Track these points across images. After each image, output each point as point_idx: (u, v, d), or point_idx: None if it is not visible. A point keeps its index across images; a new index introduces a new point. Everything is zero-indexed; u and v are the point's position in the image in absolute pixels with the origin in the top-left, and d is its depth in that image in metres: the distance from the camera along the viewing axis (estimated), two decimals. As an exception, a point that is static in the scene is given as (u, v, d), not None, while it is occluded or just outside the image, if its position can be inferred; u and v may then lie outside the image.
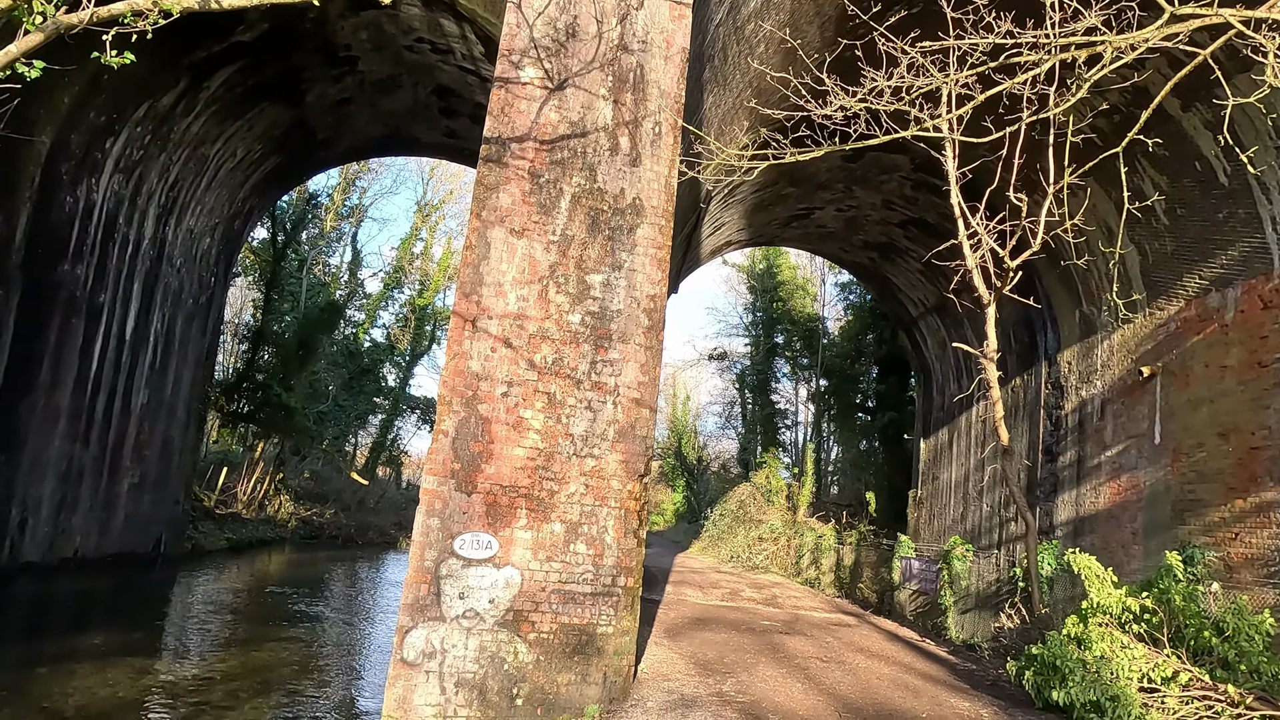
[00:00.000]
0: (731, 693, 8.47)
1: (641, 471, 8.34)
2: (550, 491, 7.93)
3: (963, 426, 23.17)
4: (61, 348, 16.83)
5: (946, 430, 24.33)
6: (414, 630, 7.34)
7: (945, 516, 23.60)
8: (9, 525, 15.87)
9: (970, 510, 21.90)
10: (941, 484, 24.23)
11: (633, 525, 8.24)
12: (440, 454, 7.64)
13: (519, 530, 7.78)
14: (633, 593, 8.17)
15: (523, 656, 7.63)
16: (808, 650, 11.76)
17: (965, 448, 22.89)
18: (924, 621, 16.71)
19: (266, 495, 28.21)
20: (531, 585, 7.74)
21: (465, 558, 7.56)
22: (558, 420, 8.06)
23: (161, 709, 8.80)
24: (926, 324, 25.41)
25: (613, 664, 7.95)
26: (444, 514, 7.57)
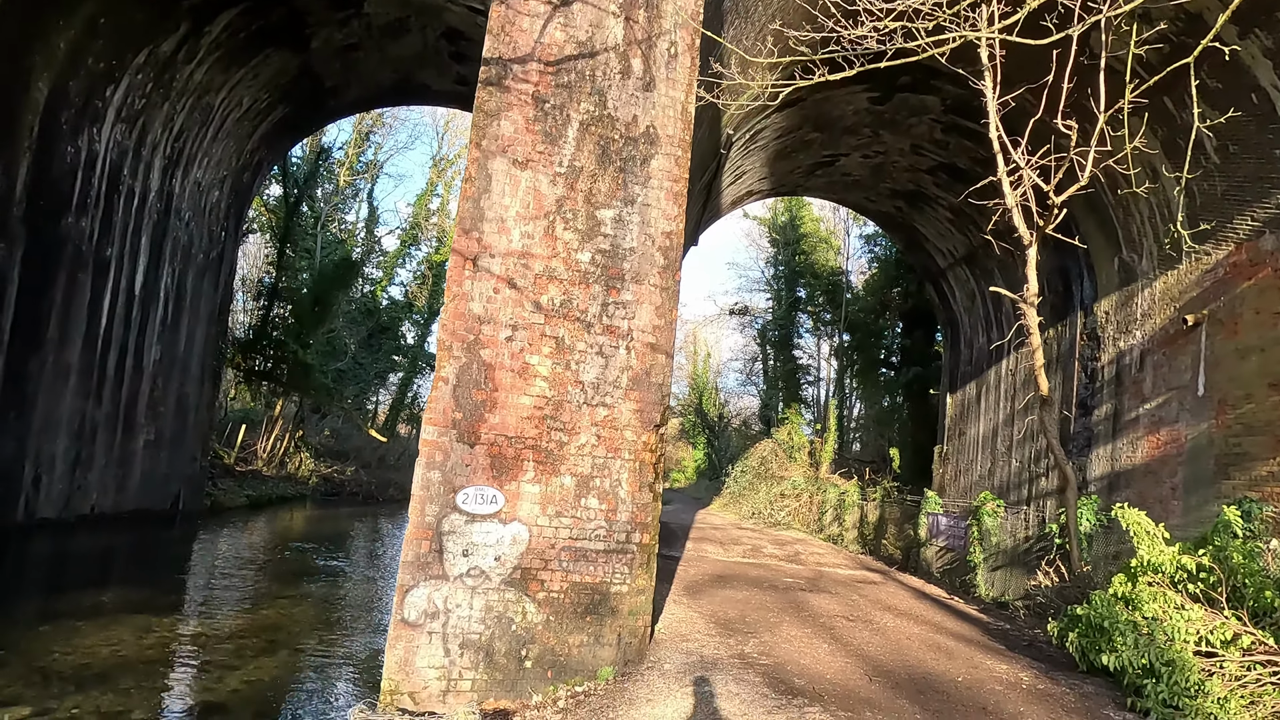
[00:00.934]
0: (754, 654, 7.96)
1: (657, 421, 7.75)
2: (559, 443, 7.37)
3: (991, 380, 22.44)
4: (69, 303, 16.46)
5: (974, 385, 23.61)
6: (415, 589, 6.86)
7: (972, 472, 22.98)
8: (23, 482, 15.68)
9: (998, 466, 21.26)
10: (968, 439, 23.59)
11: (648, 478, 7.68)
12: (440, 403, 7.09)
13: (526, 484, 7.24)
14: (648, 550, 7.64)
15: (531, 617, 7.15)
16: (833, 608, 11.25)
17: (994, 402, 22.20)
18: (952, 579, 16.17)
19: (287, 453, 28.08)
20: (540, 542, 7.22)
21: (469, 513, 7.04)
22: (567, 366, 7.46)
23: (162, 668, 8.46)
24: (955, 275, 24.52)
25: (627, 624, 7.46)
26: (445, 467, 7.04)
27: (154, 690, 7.75)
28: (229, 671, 8.63)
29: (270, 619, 10.97)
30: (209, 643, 9.50)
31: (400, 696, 6.73)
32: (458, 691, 6.88)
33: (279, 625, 10.73)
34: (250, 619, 10.89)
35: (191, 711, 7.34)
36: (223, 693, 7.90)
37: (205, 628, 10.18)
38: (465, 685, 6.92)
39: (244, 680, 8.37)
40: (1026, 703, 6.88)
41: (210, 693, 7.84)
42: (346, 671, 9.07)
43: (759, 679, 7.02)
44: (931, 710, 6.44)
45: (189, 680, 8.12)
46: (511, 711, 6.90)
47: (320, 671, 8.94)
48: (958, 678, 7.59)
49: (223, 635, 9.94)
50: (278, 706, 7.72)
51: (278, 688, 8.23)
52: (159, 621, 10.15)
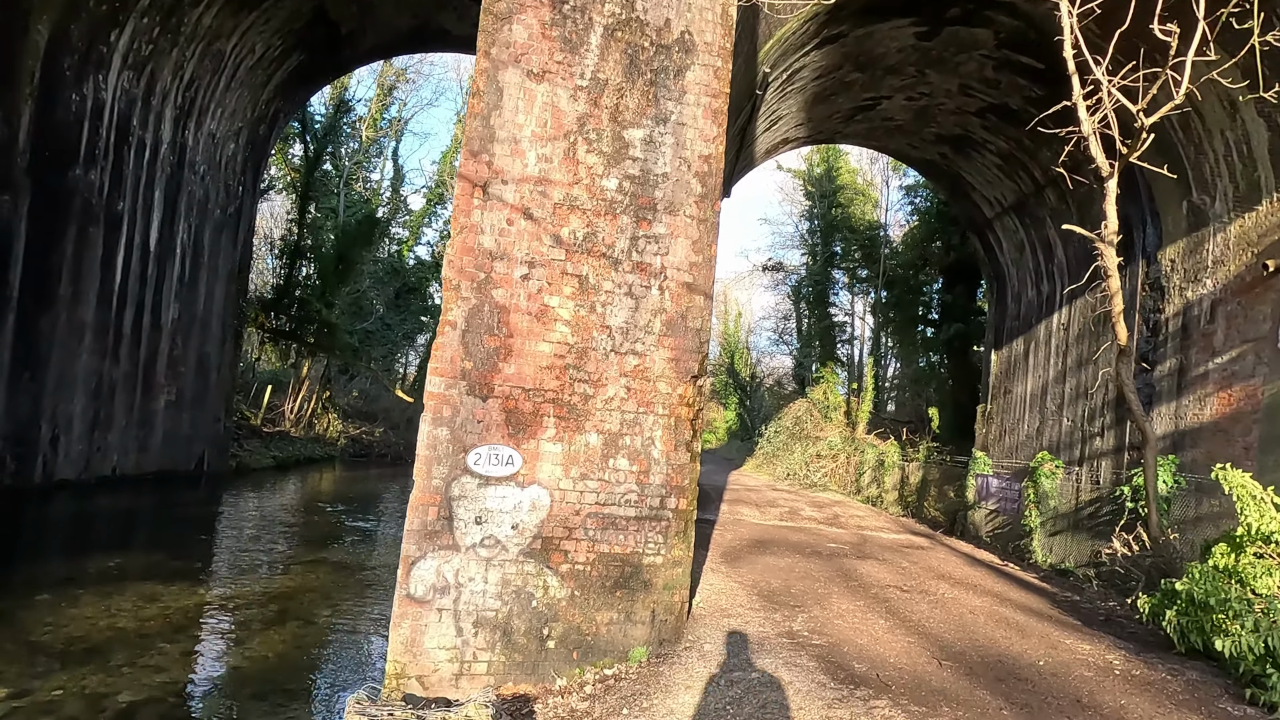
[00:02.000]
0: (804, 632, 7.05)
1: (694, 372, 6.78)
2: (584, 396, 6.43)
3: (1041, 336, 21.17)
4: (80, 259, 15.80)
5: (1021, 340, 22.35)
6: (422, 561, 6.02)
7: (1018, 432, 21.82)
8: (40, 443, 15.19)
9: (1047, 425, 20.08)
10: (1014, 398, 22.41)
11: (684, 436, 6.73)
12: (448, 350, 6.17)
13: (546, 442, 6.33)
14: (685, 516, 6.72)
15: (554, 592, 6.28)
16: (883, 577, 10.31)
17: (1043, 359, 20.94)
18: (1004, 544, 15.13)
19: (315, 414, 27.60)
20: (563, 508, 6.33)
21: (481, 475, 6.16)
22: (591, 309, 6.49)
23: (161, 642, 7.77)
24: (1002, 225, 23.09)
25: (662, 600, 6.58)
26: (454, 423, 6.14)
27: (147, 668, 7.06)
28: (233, 646, 7.94)
29: (286, 586, 10.30)
30: (217, 613, 8.83)
31: (406, 681, 5.93)
32: (472, 675, 6.07)
33: (294, 593, 10.05)
34: (265, 585, 10.23)
35: (183, 694, 6.63)
36: (222, 671, 7.20)
37: (215, 596, 9.52)
38: (480, 668, 6.10)
39: (248, 656, 7.68)
40: (1126, 693, 5.89)
41: (209, 671, 7.14)
42: (362, 647, 8.34)
43: (813, 663, 6.11)
44: (1018, 704, 5.49)
45: (187, 656, 7.43)
46: (533, 697, 6.08)
47: (333, 647, 8.22)
48: (1038, 661, 6.62)
49: (233, 604, 9.28)
50: (280, 688, 7.00)
51: (283, 666, 7.51)
52: (165, 589, 9.50)
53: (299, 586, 10.33)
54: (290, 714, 6.32)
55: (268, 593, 9.87)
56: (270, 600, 9.54)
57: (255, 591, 9.86)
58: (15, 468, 14.65)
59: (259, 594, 9.77)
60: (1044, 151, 18.97)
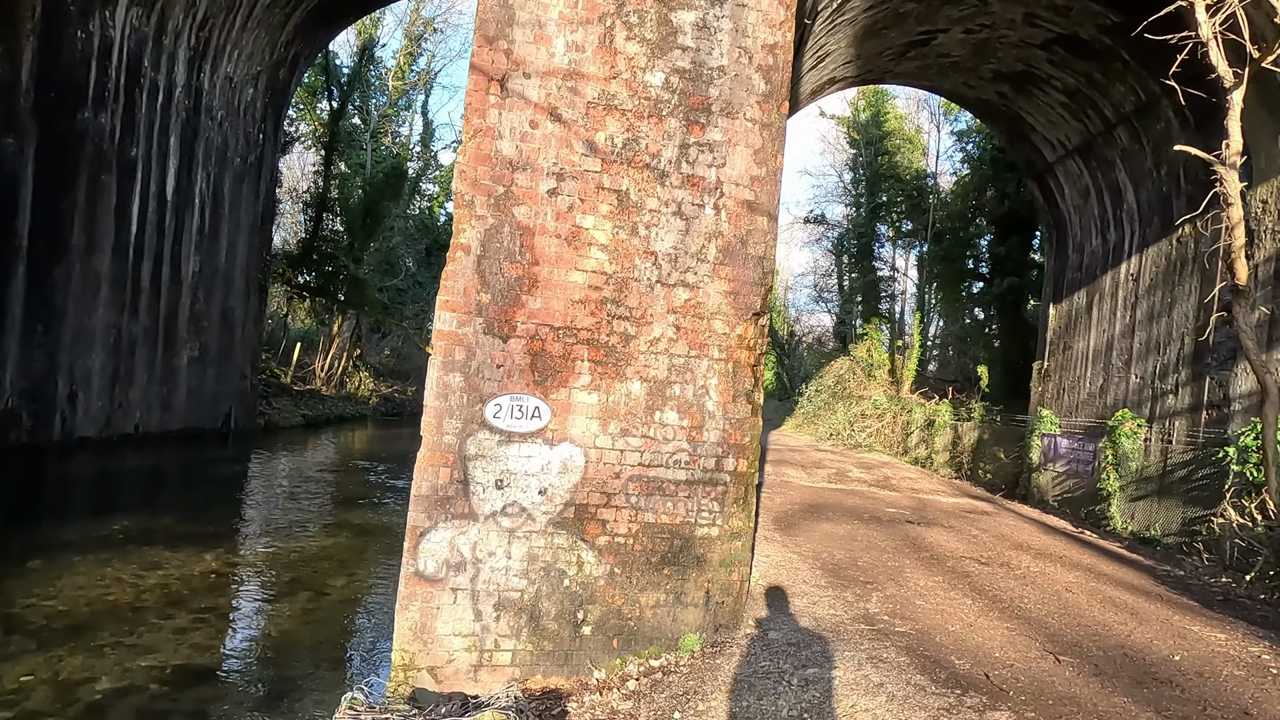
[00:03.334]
0: (884, 616, 5.95)
1: (756, 308, 5.61)
2: (624, 336, 5.31)
3: (1106, 287, 19.59)
4: (93, 207, 14.96)
5: (1084, 293, 20.78)
6: (433, 532, 4.99)
7: (1078, 390, 20.36)
8: (57, 399, 14.52)
9: (1112, 382, 18.62)
10: (1075, 354, 20.92)
11: (744, 385, 5.59)
12: (460, 280, 5.07)
13: (579, 392, 5.23)
14: (744, 480, 5.61)
15: (590, 569, 5.24)
16: (955, 546, 9.16)
17: (1109, 311, 19.40)
18: (1074, 509, 13.85)
19: (346, 372, 26.93)
20: (600, 470, 5.26)
21: (502, 430, 5.09)
22: (633, 232, 5.34)
23: (155, 618, 6.91)
24: (1065, 170, 21.38)
25: (718, 578, 5.50)
26: (468, 368, 5.06)
27: (134, 649, 6.19)
28: (233, 622, 7.06)
29: (302, 552, 9.44)
30: (221, 583, 7.96)
31: (416, 673, 4.94)
32: (493, 666, 5.07)
33: (309, 559, 9.18)
34: (278, 551, 9.37)
35: (168, 680, 5.74)
36: (216, 655, 6.30)
37: (223, 563, 8.66)
38: (503, 657, 5.10)
39: (247, 636, 6.79)
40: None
41: (201, 654, 6.25)
42: (375, 626, 7.41)
43: (903, 657, 5.01)
44: (1172, 717, 4.35)
45: (180, 635, 6.55)
46: (565, 692, 5.08)
47: (343, 626, 7.30)
48: (1172, 655, 5.45)
49: (241, 573, 8.42)
50: (277, 676, 6.08)
51: (285, 648, 6.60)
52: (170, 556, 8.68)
53: (315, 552, 9.46)
54: (282, 712, 5.39)
55: (280, 559, 9.01)
56: (282, 568, 8.68)
57: (267, 558, 9.00)
58: (32, 425, 14.01)
59: (270, 561, 8.91)
60: (1117, 86, 17.23)
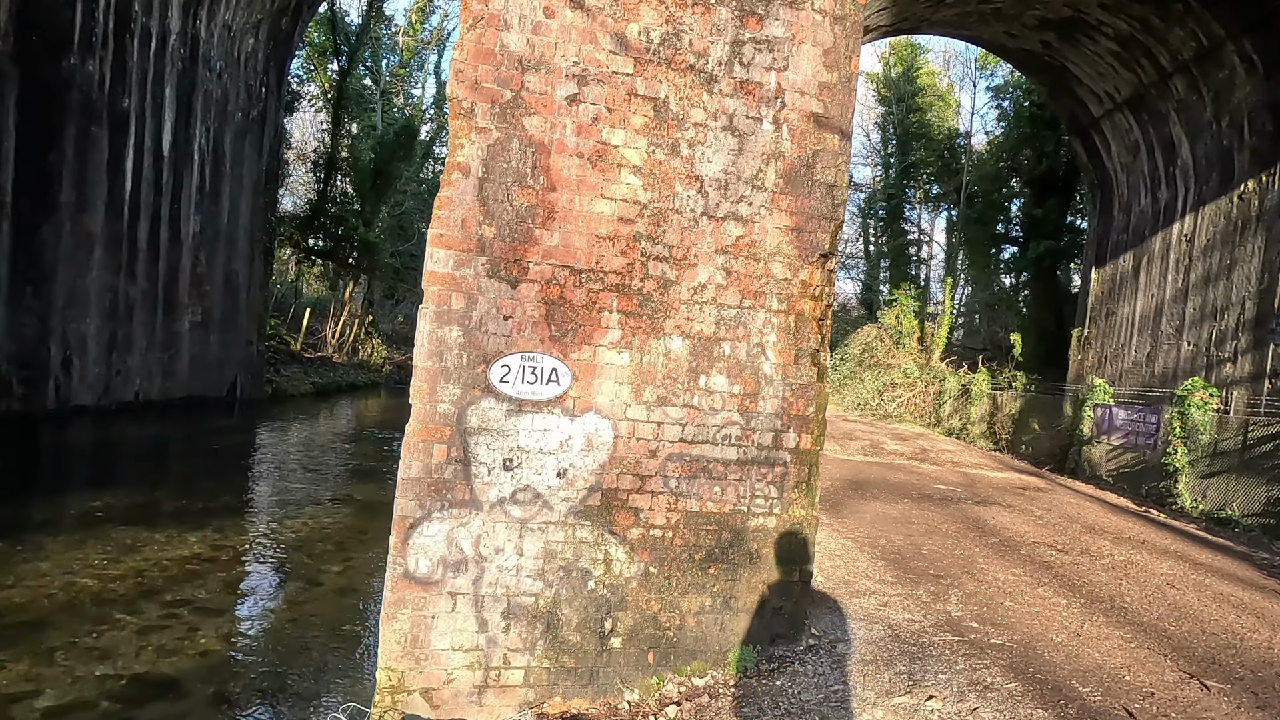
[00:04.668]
0: (970, 621, 4.92)
1: (824, 248, 4.52)
2: (662, 281, 4.25)
3: (1156, 249, 18.27)
4: (84, 161, 13.98)
5: (1130, 256, 19.46)
6: (426, 524, 3.99)
7: (1122, 358, 19.14)
8: (50, 365, 13.68)
9: (1161, 350, 17.40)
10: (1119, 320, 19.66)
11: (808, 343, 4.52)
12: (457, 208, 4.00)
13: (607, 350, 4.19)
14: (808, 460, 4.56)
15: (620, 567, 4.23)
16: (1023, 529, 8.11)
17: (1158, 275, 18.11)
18: (1134, 484, 12.73)
19: (358, 339, 26.06)
20: (632, 447, 4.22)
21: (511, 398, 4.06)
22: (673, 150, 4.24)
23: (120, 613, 6.00)
24: (1113, 124, 19.90)
25: (775, 579, 4.48)
26: (468, 320, 4.02)
27: (90, 653, 5.28)
28: (209, 619, 6.12)
29: (297, 532, 8.52)
30: (202, 571, 7.05)
31: (406, 696, 3.97)
32: (501, 686, 4.09)
33: (305, 542, 8.26)
34: (271, 532, 8.46)
35: (122, 698, 4.82)
36: (185, 662, 5.36)
37: (207, 546, 7.75)
38: (514, 676, 4.12)
39: (223, 635, 5.84)
40: None
41: (166, 660, 5.32)
42: (368, 626, 6.47)
43: (1012, 682, 3.98)
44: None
45: (144, 636, 5.63)
46: (590, 718, 4.11)
47: (332, 626, 6.35)
48: (1336, 676, 4.39)
49: (225, 557, 7.49)
50: (250, 689, 5.15)
51: (263, 654, 5.67)
52: (150, 537, 7.78)
53: (312, 533, 8.54)
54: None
55: (273, 541, 8.10)
56: (273, 552, 7.76)
57: (257, 540, 8.09)
58: (24, 392, 13.19)
59: (261, 543, 8.00)
60: (1176, 31, 15.76)
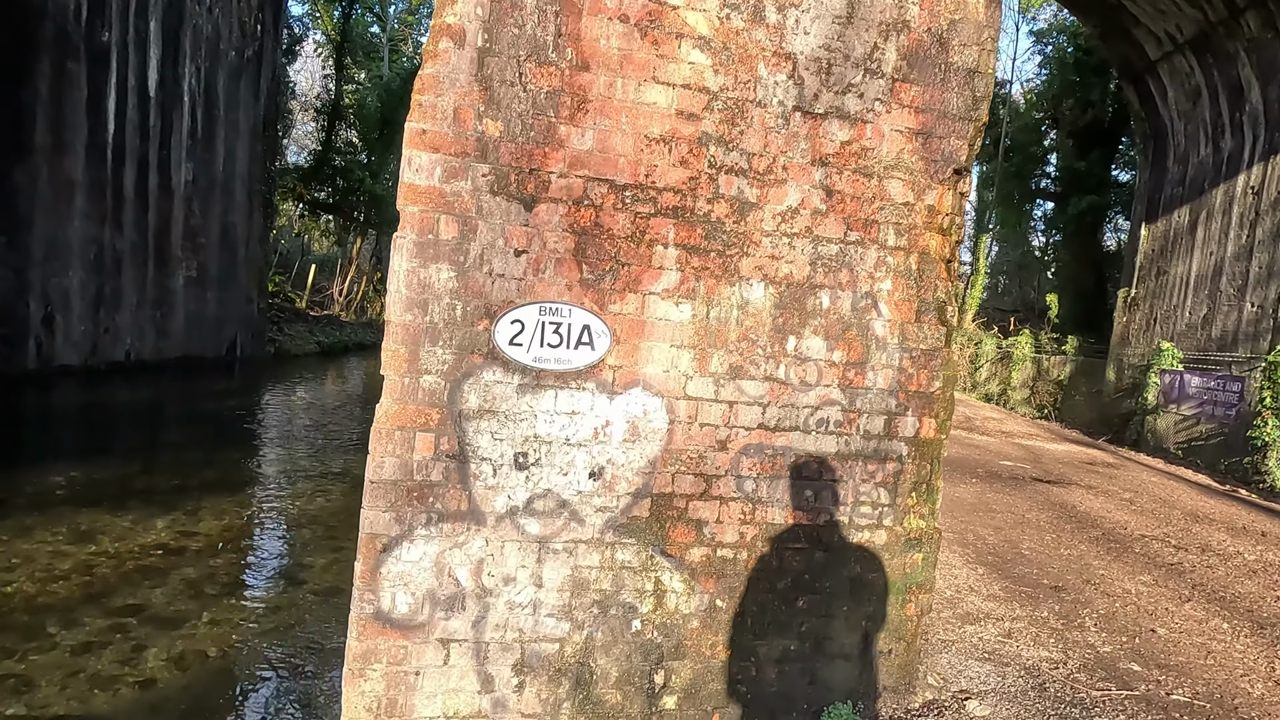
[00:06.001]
0: (1129, 662, 3.72)
1: (959, 162, 3.23)
2: (738, 203, 2.98)
3: (1216, 203, 16.75)
4: (59, 100, 12.70)
5: (1186, 210, 17.94)
6: (405, 546, 2.80)
7: (1175, 321, 17.71)
8: (30, 322, 12.59)
9: (1219, 312, 15.97)
10: (1171, 280, 18.19)
11: (934, 293, 3.26)
12: (447, 91, 2.74)
13: (660, 300, 2.94)
14: (931, 453, 3.32)
15: (677, 601, 3.04)
16: (1119, 517, 6.90)
17: (1219, 231, 16.61)
18: (1210, 460, 11.47)
19: (366, 297, 24.92)
20: (695, 436, 3.00)
21: (526, 367, 2.83)
22: (755, 16, 2.95)
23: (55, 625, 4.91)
24: (1171, 68, 18.18)
25: (883, 613, 3.28)
26: (464, 255, 2.77)
27: (2, 687, 4.19)
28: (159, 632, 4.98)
29: (281, 515, 7.44)
30: (163, 565, 5.93)
31: (381, 784, 2.82)
32: (514, 765, 2.94)
33: (292, 525, 7.18)
34: (251, 514, 7.36)
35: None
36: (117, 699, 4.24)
37: (176, 533, 6.63)
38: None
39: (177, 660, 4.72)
40: None
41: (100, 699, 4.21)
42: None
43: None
44: None
45: (78, 660, 4.53)
46: (634, 806, 2.95)
47: (311, 645, 5.24)
48: None
49: (194, 547, 6.37)
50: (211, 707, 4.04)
51: (230, 683, 4.55)
52: (113, 522, 6.68)
53: (300, 515, 7.44)
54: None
55: (251, 526, 6.99)
56: (250, 541, 6.65)
57: (235, 526, 6.98)
58: (2, 351, 12.13)
59: (239, 529, 6.89)
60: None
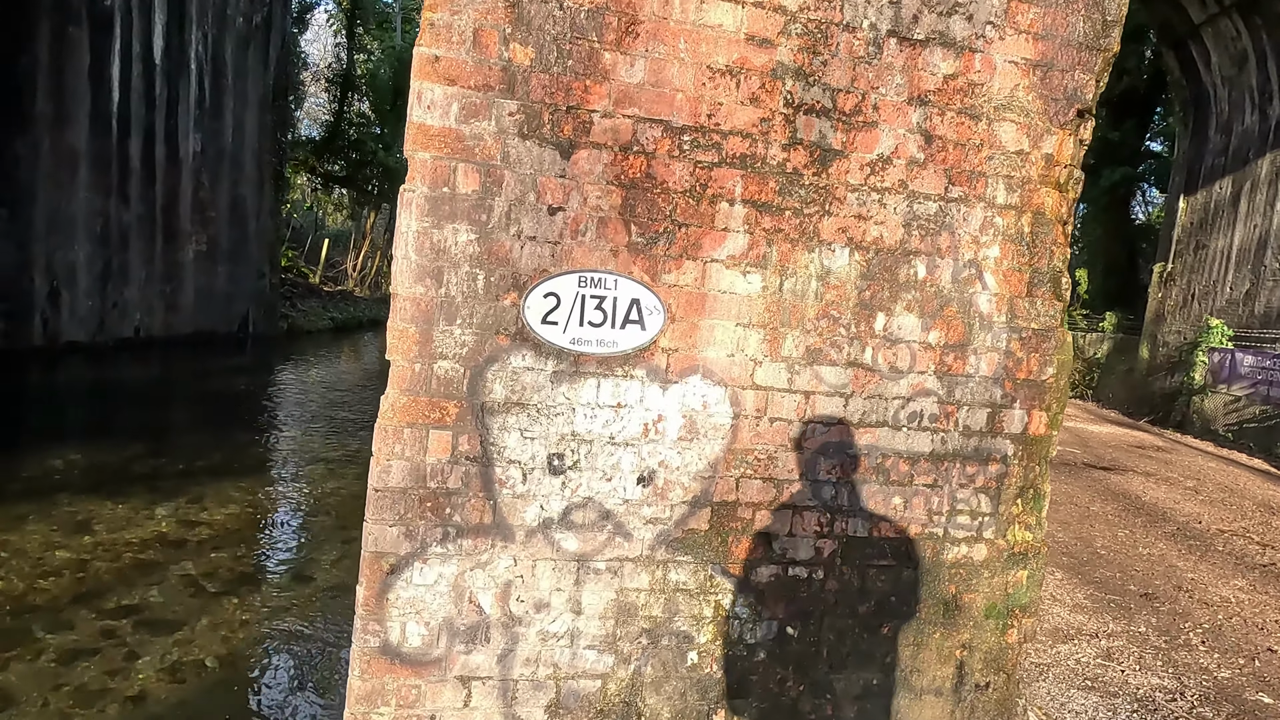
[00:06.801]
0: (1256, 692, 3.18)
1: (1085, 101, 2.65)
2: (819, 151, 2.43)
3: (1262, 173, 15.98)
4: (60, 67, 12.21)
5: (1229, 181, 17.16)
6: (418, 566, 2.30)
7: (1215, 296, 16.99)
8: (35, 296, 12.20)
9: (1264, 288, 15.24)
10: (1211, 254, 17.45)
11: (1051, 260, 2.70)
12: (465, 8, 2.21)
13: (725, 269, 2.41)
14: (1039, 452, 2.78)
15: (740, 629, 2.54)
16: (1193, 511, 6.34)
17: (1264, 202, 15.87)
18: (1264, 443, 10.86)
19: (381, 272, 24.47)
20: (764, 433, 2.48)
21: (563, 349, 2.32)
22: (845, -87, 2.38)
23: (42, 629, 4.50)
24: (1215, 31, 17.28)
25: (980, 641, 2.76)
26: (486, 211, 2.25)
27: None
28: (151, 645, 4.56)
29: (291, 503, 7.01)
30: (164, 560, 5.51)
31: None
32: (547, 822, 2.46)
33: (300, 511, 6.76)
34: (261, 502, 6.93)
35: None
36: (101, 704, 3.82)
37: (177, 520, 6.22)
38: (567, 804, 2.48)
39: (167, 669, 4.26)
40: None
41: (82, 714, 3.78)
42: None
43: None
44: None
45: (62, 673, 4.10)
46: None
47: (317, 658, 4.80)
48: None
49: (195, 540, 5.94)
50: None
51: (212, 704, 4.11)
52: (110, 510, 6.27)
53: (308, 503, 7.01)
54: None
55: (258, 516, 6.56)
56: (256, 532, 6.22)
57: (239, 515, 6.54)
58: (4, 327, 11.76)
59: (246, 517, 6.46)
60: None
